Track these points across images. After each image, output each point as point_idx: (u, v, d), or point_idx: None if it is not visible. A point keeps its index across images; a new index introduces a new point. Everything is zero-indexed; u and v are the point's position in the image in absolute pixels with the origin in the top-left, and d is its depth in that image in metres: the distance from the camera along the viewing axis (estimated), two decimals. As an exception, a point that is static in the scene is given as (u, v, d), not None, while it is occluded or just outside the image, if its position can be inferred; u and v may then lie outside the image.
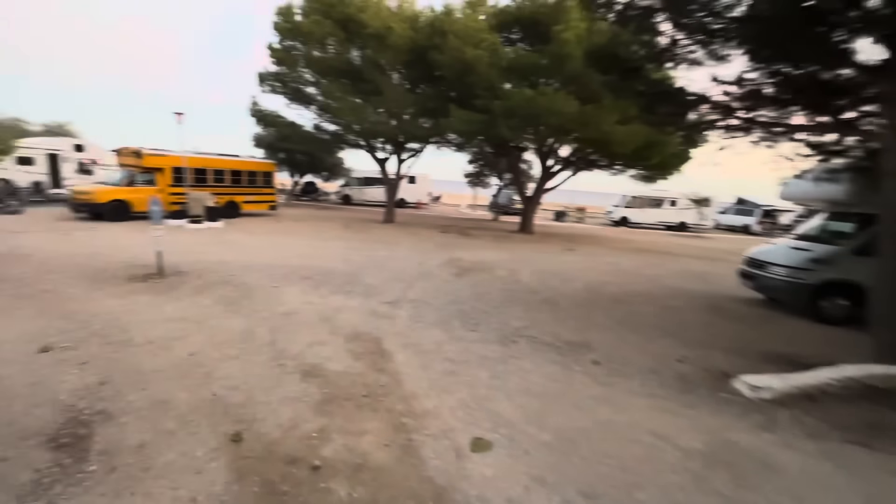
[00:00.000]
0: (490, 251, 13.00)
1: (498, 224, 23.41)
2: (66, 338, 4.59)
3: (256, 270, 8.20)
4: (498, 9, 15.70)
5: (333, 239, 13.38)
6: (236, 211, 17.52)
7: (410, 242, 13.71)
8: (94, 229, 12.37)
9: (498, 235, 17.48)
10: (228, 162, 17.22)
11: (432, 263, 10.18)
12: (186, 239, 11.60)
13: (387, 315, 6.00)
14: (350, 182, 29.46)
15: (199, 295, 6.42)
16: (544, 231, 20.57)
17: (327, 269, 8.75)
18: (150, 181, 15.04)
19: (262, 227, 15.06)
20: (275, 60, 15.93)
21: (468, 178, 26.06)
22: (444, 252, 12.11)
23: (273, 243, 11.78)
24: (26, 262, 7.95)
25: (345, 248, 11.55)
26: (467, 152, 22.74)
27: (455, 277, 8.83)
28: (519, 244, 15.30)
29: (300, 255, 10.23)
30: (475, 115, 13.85)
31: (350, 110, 14.66)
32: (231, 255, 9.58)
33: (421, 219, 23.11)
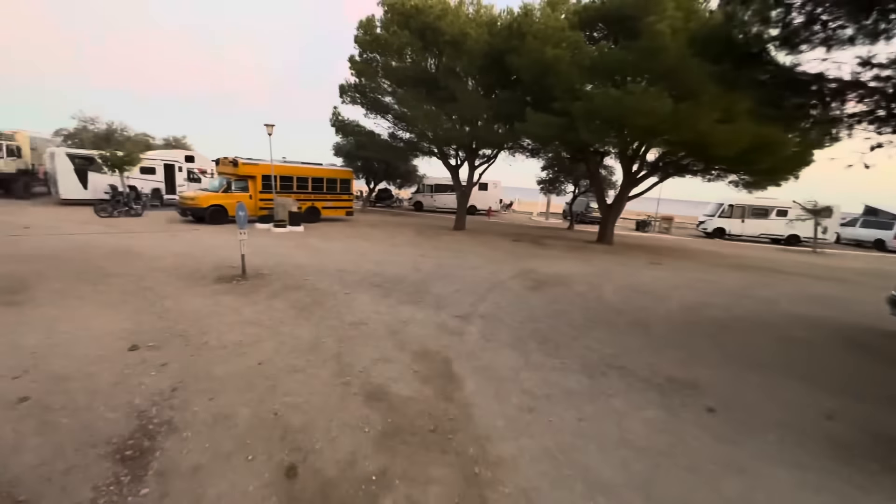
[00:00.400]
0: (566, 262, 12.06)
1: (573, 233, 22.06)
2: (154, 336, 4.76)
3: (330, 275, 8.25)
4: (580, 6, 14.75)
5: (405, 245, 13.34)
6: (317, 216, 18.37)
7: (481, 251, 13.22)
8: (196, 231, 13.58)
9: (574, 245, 16.34)
10: (311, 170, 18.14)
11: (504, 274, 9.59)
12: (271, 242, 12.23)
13: (457, 331, 5.55)
14: (421, 189, 29.81)
15: (276, 298, 6.50)
16: (625, 242, 18.92)
17: (398, 276, 8.56)
18: (244, 188, 16.27)
19: (338, 232, 15.54)
20: (354, 72, 16.48)
21: (541, 185, 24.97)
22: (517, 262, 11.45)
23: (348, 248, 11.99)
24: (136, 259, 8.77)
25: (415, 255, 11.38)
26: (541, 158, 21.77)
27: (529, 291, 8.15)
28: (598, 255, 14.09)
29: (372, 260, 10.22)
30: (553, 118, 13.03)
31: (424, 117, 14.63)
32: (308, 259, 9.82)
33: (492, 226, 22.56)
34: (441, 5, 14.88)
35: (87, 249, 9.54)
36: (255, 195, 16.41)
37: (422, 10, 14.72)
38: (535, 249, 14.57)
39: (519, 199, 38.33)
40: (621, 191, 16.97)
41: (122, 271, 7.69)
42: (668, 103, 11.31)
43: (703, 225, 25.66)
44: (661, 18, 11.19)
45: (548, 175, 24.01)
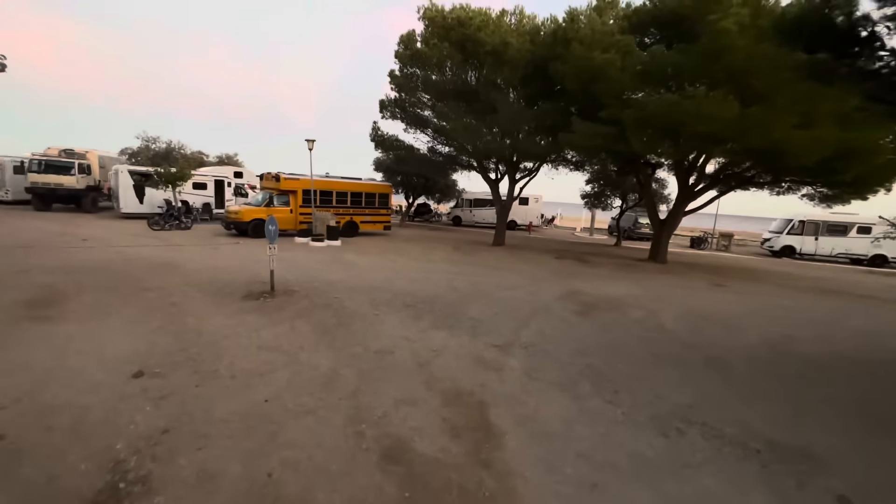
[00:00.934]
0: (616, 283, 10.92)
1: (621, 250, 20.58)
2: (163, 361, 4.36)
3: (361, 293, 7.73)
4: (630, 10, 13.80)
5: (441, 261, 12.71)
6: (355, 230, 18.23)
7: (522, 269, 12.34)
8: (238, 244, 13.68)
9: (623, 264, 15.04)
10: (350, 184, 18.09)
11: (548, 296, 8.68)
12: (306, 256, 12.01)
13: (495, 365, 4.76)
14: (460, 203, 29.31)
15: (300, 318, 6.02)
16: (680, 260, 17.30)
17: (431, 295, 7.89)
18: (286, 202, 16.41)
19: (375, 247, 15.21)
20: (394, 87, 16.36)
21: (585, 200, 23.69)
22: (562, 282, 10.48)
23: (382, 264, 11.52)
24: (174, 272, 8.70)
25: (452, 273, 10.71)
26: (586, 171, 20.64)
27: (578, 317, 7.21)
28: (651, 276, 12.78)
29: (406, 277, 9.65)
30: (601, 127, 12.07)
31: (464, 130, 14.12)
32: (341, 275, 9.40)
33: (533, 242, 21.54)
34: (481, 16, 14.46)
35: (132, 262, 9.64)
36: (295, 209, 16.49)
37: (463, 22, 14.36)
38: (580, 268, 13.48)
39: (560, 214, 36.92)
40: (676, 205, 15.53)
41: (157, 285, 7.56)
42: (735, 108, 10.08)
43: (769, 243, 23.23)
44: (726, 15, 10.06)
45: (593, 189, 22.75)
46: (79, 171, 20.17)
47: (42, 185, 19.47)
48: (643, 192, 16.38)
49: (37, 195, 19.78)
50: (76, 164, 20.11)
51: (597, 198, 23.04)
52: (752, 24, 10.04)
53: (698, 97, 10.25)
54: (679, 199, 15.44)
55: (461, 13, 14.56)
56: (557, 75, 13.38)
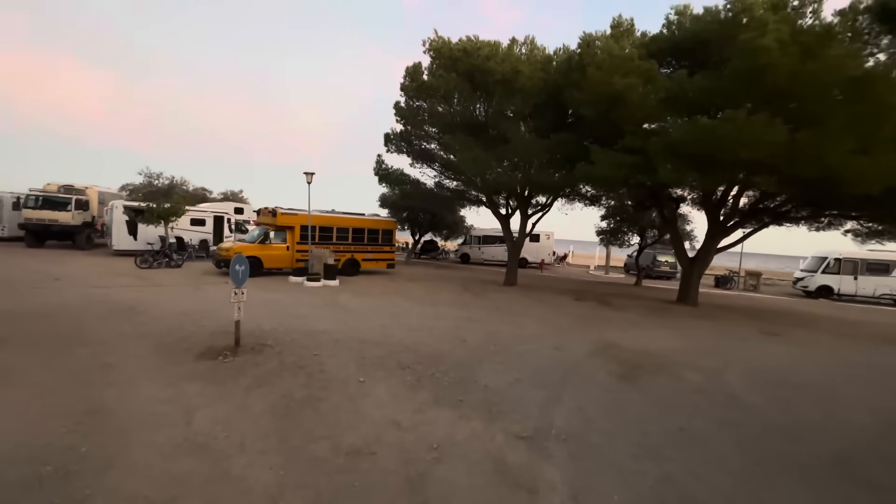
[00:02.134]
0: (653, 332, 9.26)
1: (643, 290, 18.87)
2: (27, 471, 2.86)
3: (349, 348, 6.21)
4: (647, 39, 12.94)
5: (448, 304, 11.19)
6: (356, 268, 16.89)
7: (540, 313, 10.74)
8: (224, 285, 12.34)
9: (651, 307, 13.36)
10: (352, 220, 16.95)
11: (577, 350, 7.06)
12: (297, 298, 10.59)
13: (525, 475, 3.16)
14: (469, 240, 28.06)
15: (259, 389, 4.50)
16: (710, 302, 15.52)
17: (435, 351, 6.34)
18: (283, 239, 15.22)
19: (376, 287, 13.77)
20: (400, 119, 15.56)
21: (601, 236, 22.28)
22: (588, 330, 8.85)
23: (381, 308, 10.03)
24: (133, 320, 7.30)
25: (460, 319, 9.16)
26: (601, 206, 19.35)
27: (622, 383, 5.57)
28: (688, 322, 11.07)
29: (407, 325, 8.13)
30: (624, 157, 10.84)
31: (472, 162, 13.02)
32: (330, 323, 7.92)
33: (546, 281, 19.96)
34: (490, 47, 13.75)
35: (93, 306, 8.30)
36: (292, 246, 15.27)
37: (470, 53, 13.64)
38: (605, 311, 11.83)
39: (573, 251, 35.44)
40: (707, 242, 13.99)
41: (100, 337, 6.14)
42: (783, 132, 8.79)
43: (803, 282, 21.33)
44: (764, 33, 9.00)
45: (609, 225, 21.34)
46: (76, 206, 19.40)
47: (36, 221, 18.66)
48: (668, 227, 14.92)
49: (30, 232, 18.94)
50: (73, 199, 19.39)
51: (613, 234, 21.59)
52: (794, 40, 8.95)
53: (738, 121, 9.00)
54: (709, 235, 13.93)
55: (468, 44, 13.88)
56: (573, 103, 12.38)
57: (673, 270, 26.23)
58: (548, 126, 13.47)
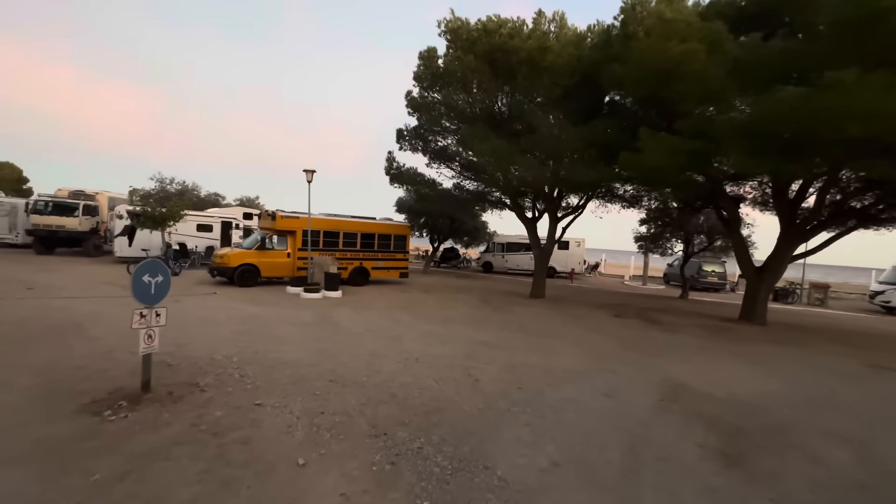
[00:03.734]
0: (727, 365, 6.99)
1: (690, 304, 16.29)
2: None
3: (311, 393, 4.38)
4: (702, 7, 10.70)
5: (462, 322, 9.23)
6: (366, 278, 15.22)
7: (575, 334, 8.62)
8: (214, 295, 10.86)
9: (708, 325, 10.94)
10: (360, 224, 15.31)
11: (637, 399, 4.95)
12: (285, 314, 8.90)
13: None
14: (491, 247, 26.01)
15: (121, 482, 2.72)
16: (778, 320, 12.85)
17: (432, 401, 4.41)
18: (284, 244, 13.72)
19: (383, 300, 11.98)
20: (412, 111, 13.87)
21: (640, 243, 19.79)
22: (642, 361, 6.69)
23: (380, 327, 8.19)
24: (56, 343, 5.76)
25: (475, 345, 7.19)
26: (641, 208, 16.97)
27: (732, 472, 3.45)
28: (763, 348, 8.68)
29: (404, 354, 6.24)
30: (683, 141, 8.66)
31: (493, 155, 11.09)
32: (306, 350, 6.13)
33: (578, 293, 17.66)
34: (512, 25, 11.87)
35: (31, 322, 6.86)
36: (293, 253, 13.74)
37: (490, 32, 11.79)
38: (654, 332, 9.57)
39: (605, 260, 32.74)
40: (779, 249, 11.46)
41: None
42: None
43: (883, 297, 18.11)
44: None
45: (649, 230, 18.85)
46: (83, 212, 18.69)
47: (43, 227, 18.02)
48: (729, 231, 12.40)
49: (37, 238, 18.32)
50: (81, 205, 18.70)
51: (654, 241, 19.05)
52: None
53: (846, 86, 6.72)
54: (782, 240, 11.41)
55: (488, 23, 12.03)
56: (612, 82, 10.32)
57: (721, 282, 23.31)
58: (581, 112, 11.43)
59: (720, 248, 19.13)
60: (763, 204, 14.28)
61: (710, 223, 17.48)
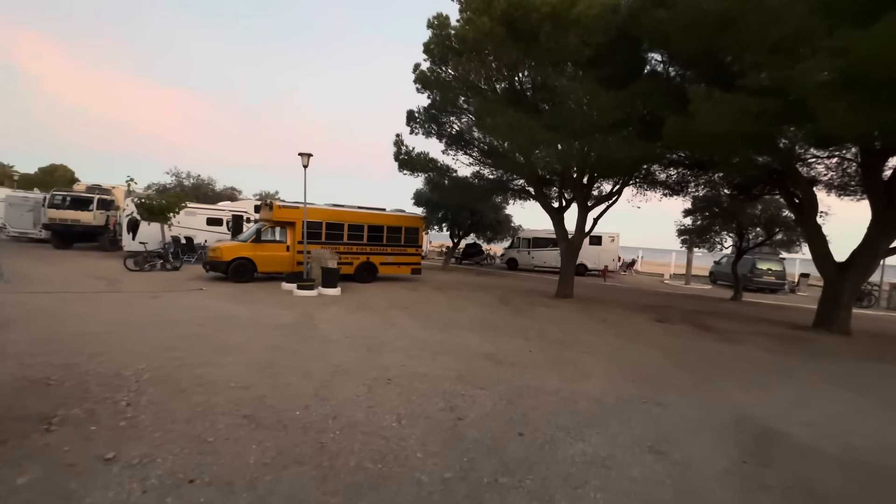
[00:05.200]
0: (826, 396, 5.03)
1: (744, 307, 13.92)
2: None
3: (203, 439, 2.96)
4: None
5: (468, 328, 7.65)
6: (373, 274, 13.89)
7: (607, 347, 6.84)
8: (201, 291, 9.83)
9: (777, 335, 8.80)
10: (367, 215, 13.97)
11: (700, 460, 3.21)
12: (260, 315, 7.64)
13: None
14: (516, 243, 24.16)
15: None
16: (862, 328, 10.41)
17: (380, 460, 2.89)
18: (282, 237, 12.59)
19: (385, 299, 10.58)
20: (421, 87, 12.33)
21: (684, 237, 17.40)
22: (699, 389, 4.87)
23: (364, 334, 6.75)
24: None
25: (476, 357, 5.60)
26: (688, 195, 14.71)
27: None
28: (864, 368, 6.56)
29: (378, 370, 4.76)
30: (747, 100, 6.67)
31: (508, 128, 9.36)
32: (250, 364, 4.76)
33: (611, 293, 15.62)
34: (535, -21, 10.08)
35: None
36: (293, 246, 12.57)
37: (509, -12, 10.07)
38: (708, 343, 7.61)
39: (642, 257, 30.07)
40: (871, 240, 9.10)
41: None
42: None
43: None
44: None
45: (694, 222, 16.46)
46: (98, 206, 18.46)
47: (59, 221, 17.89)
48: (803, 218, 10.06)
49: (55, 233, 18.25)
50: (95, 199, 18.48)
51: (700, 234, 16.64)
52: None
53: None
54: (875, 230, 9.05)
55: (507, -21, 10.32)
56: (656, 34, 8.38)
57: (780, 282, 20.43)
58: (616, 79, 9.50)
59: (780, 243, 16.48)
60: (841, 188, 11.79)
61: (769, 213, 14.96)
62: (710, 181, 13.66)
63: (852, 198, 11.54)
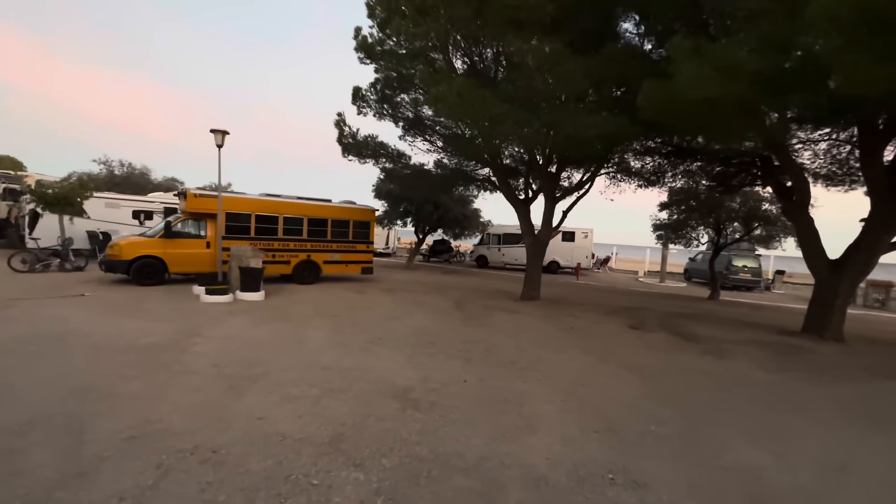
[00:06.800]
0: (864, 448, 3.61)
1: (723, 308, 12.77)
2: None
3: None
4: None
5: (402, 345, 5.97)
6: (316, 274, 12.07)
7: (572, 371, 5.28)
8: (76, 299, 7.80)
9: (766, 343, 7.50)
10: (307, 207, 12.11)
11: None
12: (122, 330, 5.75)
13: None
14: (486, 239, 22.67)
15: None
16: (850, 331, 9.29)
17: None
18: (199, 232, 10.60)
19: (316, 305, 8.80)
20: (364, 56, 10.55)
21: (659, 232, 16.25)
22: (689, 441, 3.36)
23: (257, 362, 4.98)
24: None
25: (379, 398, 3.94)
26: (664, 187, 13.44)
27: None
28: (874, 387, 5.26)
29: (232, 426, 3.04)
30: (747, 55, 5.22)
31: (456, 100, 7.66)
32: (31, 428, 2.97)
33: (584, 293, 14.25)
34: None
35: None
36: (214, 242, 10.59)
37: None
38: (692, 357, 6.18)
39: (616, 254, 29.10)
40: (870, 233, 7.91)
41: None
42: None
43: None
44: None
45: (670, 216, 15.28)
46: (2, 197, 15.93)
47: (-45, 213, 15.30)
48: (794, 210, 8.77)
49: (-44, 227, 15.66)
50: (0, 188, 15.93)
51: (677, 229, 15.47)
52: None
53: None
54: (875, 221, 7.85)
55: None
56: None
57: (755, 279, 19.61)
58: (582, 43, 7.98)
59: (759, 239, 15.49)
60: (828, 177, 10.68)
61: (749, 206, 13.89)
62: (687, 171, 12.43)
63: (840, 188, 10.43)
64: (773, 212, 13.52)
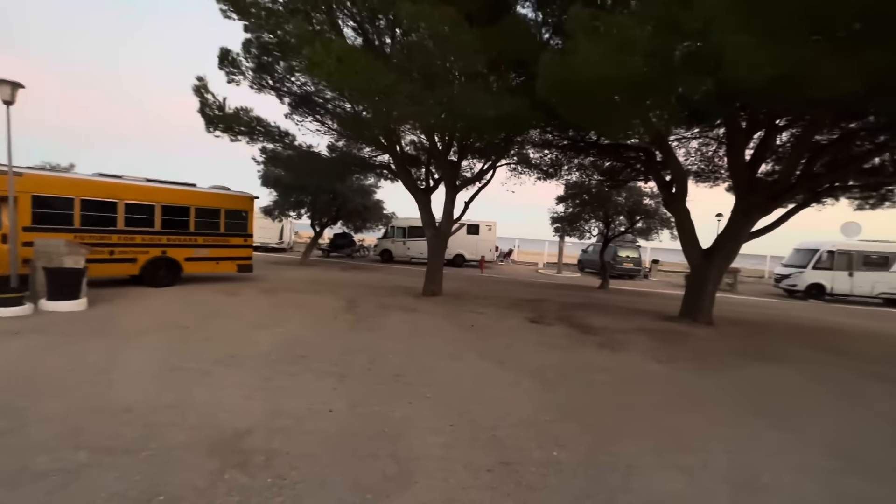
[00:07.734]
0: (768, 456, 3.39)
1: (613, 296, 13.53)
2: None
3: None
4: None
5: (257, 366, 4.62)
6: (174, 274, 9.78)
7: (465, 381, 4.50)
8: None
9: (652, 330, 7.75)
10: (162, 192, 9.73)
11: None
12: None
13: None
14: (391, 232, 21.56)
15: None
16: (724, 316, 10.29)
17: None
18: (-11, 220, 7.74)
19: (159, 314, 6.85)
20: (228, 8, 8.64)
21: (556, 225, 16.82)
22: (591, 454, 2.77)
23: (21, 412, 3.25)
24: None
25: (225, 451, 2.67)
26: (561, 180, 13.73)
27: None
28: (749, 368, 5.47)
29: None
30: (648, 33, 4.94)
31: (335, 66, 6.39)
32: None
33: (486, 286, 13.99)
34: None
35: None
36: (14, 235, 7.78)
37: None
38: (590, 351, 5.92)
39: (518, 247, 30.18)
40: (734, 225, 8.64)
41: None
42: None
43: (790, 280, 17.32)
44: None
45: (566, 210, 15.84)
46: None
47: None
48: (674, 201, 9.25)
49: None
50: None
51: (572, 222, 16.12)
52: None
53: None
54: (738, 214, 8.57)
55: None
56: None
57: (637, 268, 21.63)
58: (483, 15, 7.30)
59: (640, 231, 16.87)
60: (697, 174, 11.73)
61: (632, 201, 14.96)
62: (581, 165, 12.79)
63: (707, 184, 11.49)
64: (653, 205, 14.72)
